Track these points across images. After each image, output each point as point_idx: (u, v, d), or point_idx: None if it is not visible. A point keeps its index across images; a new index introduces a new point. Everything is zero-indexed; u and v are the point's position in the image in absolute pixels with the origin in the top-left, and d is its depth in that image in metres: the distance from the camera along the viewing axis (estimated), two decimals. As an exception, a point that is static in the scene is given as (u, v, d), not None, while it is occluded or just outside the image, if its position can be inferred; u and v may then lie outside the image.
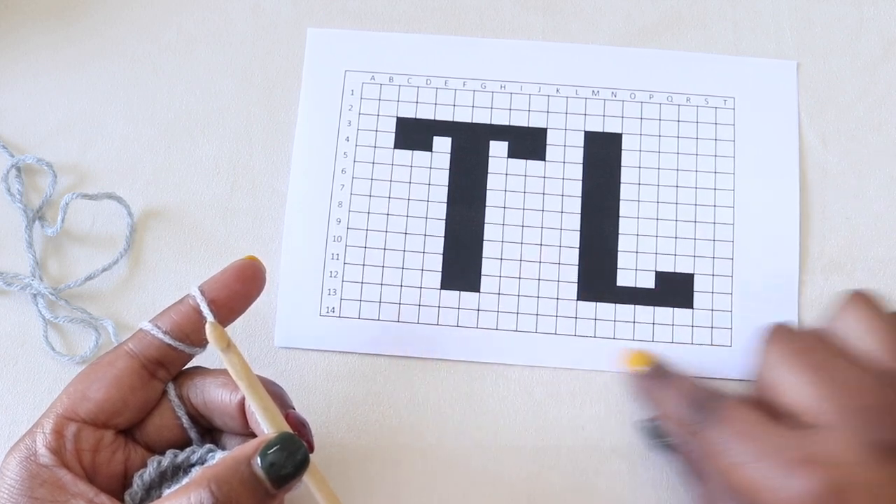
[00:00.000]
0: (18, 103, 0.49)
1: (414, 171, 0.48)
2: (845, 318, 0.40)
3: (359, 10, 0.51)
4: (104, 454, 0.37)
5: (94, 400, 0.37)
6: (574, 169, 0.48)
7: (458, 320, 0.46)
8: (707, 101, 0.49)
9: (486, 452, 0.44)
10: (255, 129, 0.49)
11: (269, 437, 0.34)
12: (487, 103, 0.49)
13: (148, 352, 0.38)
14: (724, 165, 0.48)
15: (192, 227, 0.48)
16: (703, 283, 0.47)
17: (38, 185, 0.48)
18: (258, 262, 0.40)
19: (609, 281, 0.47)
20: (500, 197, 0.48)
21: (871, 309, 0.39)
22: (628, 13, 0.51)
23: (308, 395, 0.45)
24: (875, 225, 0.48)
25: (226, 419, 0.38)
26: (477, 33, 0.50)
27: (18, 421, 0.44)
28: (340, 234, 0.47)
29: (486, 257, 0.47)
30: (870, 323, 0.39)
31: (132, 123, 0.49)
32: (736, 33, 0.50)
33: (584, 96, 0.49)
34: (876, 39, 0.50)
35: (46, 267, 0.47)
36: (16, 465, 0.35)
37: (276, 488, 0.34)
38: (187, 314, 0.38)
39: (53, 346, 0.45)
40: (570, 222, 0.47)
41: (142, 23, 0.51)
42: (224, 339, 0.36)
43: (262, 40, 0.50)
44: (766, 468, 0.36)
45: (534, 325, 0.46)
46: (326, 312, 0.46)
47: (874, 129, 0.49)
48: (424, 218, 0.47)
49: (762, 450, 0.36)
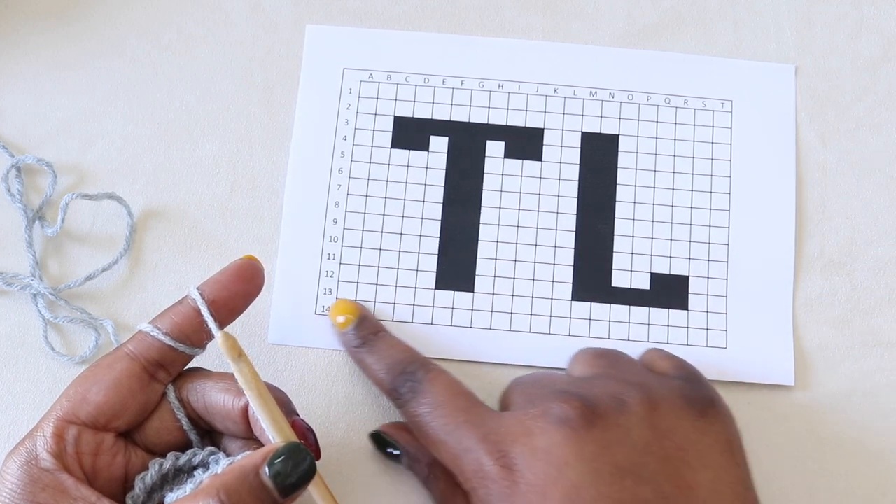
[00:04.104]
0: (18, 103, 0.49)
1: (410, 171, 0.48)
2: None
3: (359, 9, 0.51)
4: (105, 457, 0.37)
5: (94, 403, 0.37)
6: (570, 170, 0.48)
7: (451, 320, 0.46)
8: (705, 104, 0.49)
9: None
10: (255, 129, 0.49)
11: (276, 447, 0.35)
12: (485, 103, 0.49)
13: (148, 353, 0.38)
14: (721, 169, 0.48)
15: (192, 227, 0.48)
16: (699, 286, 0.47)
17: (38, 185, 0.48)
18: (257, 262, 0.40)
19: (604, 282, 0.47)
20: (496, 197, 0.48)
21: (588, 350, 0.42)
22: (628, 13, 0.51)
23: (308, 395, 0.45)
24: (875, 225, 0.48)
25: (228, 424, 0.38)
26: (476, 32, 0.50)
27: (18, 421, 0.45)
28: (337, 234, 0.47)
29: (480, 257, 0.47)
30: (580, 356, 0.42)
31: (132, 123, 0.49)
32: (736, 33, 0.50)
33: (582, 97, 0.49)
34: (876, 39, 0.50)
35: (46, 267, 0.47)
36: (16, 469, 0.35)
37: (283, 497, 0.34)
38: (187, 315, 0.38)
39: (53, 347, 0.45)
40: (565, 223, 0.47)
41: (142, 23, 0.51)
42: (236, 349, 0.36)
43: (261, 40, 0.50)
44: (454, 442, 0.37)
45: (528, 325, 0.46)
46: (322, 311, 0.46)
47: (874, 129, 0.49)
48: (420, 218, 0.47)
49: (453, 425, 0.38)
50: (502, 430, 0.37)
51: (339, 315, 0.44)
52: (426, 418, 0.39)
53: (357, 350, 0.43)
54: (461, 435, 0.38)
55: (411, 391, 0.40)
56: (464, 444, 0.37)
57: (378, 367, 0.41)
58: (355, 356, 0.43)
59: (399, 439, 0.42)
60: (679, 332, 0.46)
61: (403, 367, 0.41)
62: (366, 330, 0.43)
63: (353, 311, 0.44)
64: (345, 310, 0.44)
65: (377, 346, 0.42)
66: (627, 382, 0.38)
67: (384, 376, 0.41)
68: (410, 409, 0.39)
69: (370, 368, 0.42)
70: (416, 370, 0.40)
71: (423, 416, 0.39)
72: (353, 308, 0.44)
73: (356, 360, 0.43)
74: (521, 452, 0.36)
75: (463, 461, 0.37)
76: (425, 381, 0.40)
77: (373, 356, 0.42)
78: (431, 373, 0.40)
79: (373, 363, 0.42)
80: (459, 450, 0.37)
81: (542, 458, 0.36)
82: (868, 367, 0.46)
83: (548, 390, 0.39)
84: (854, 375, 0.46)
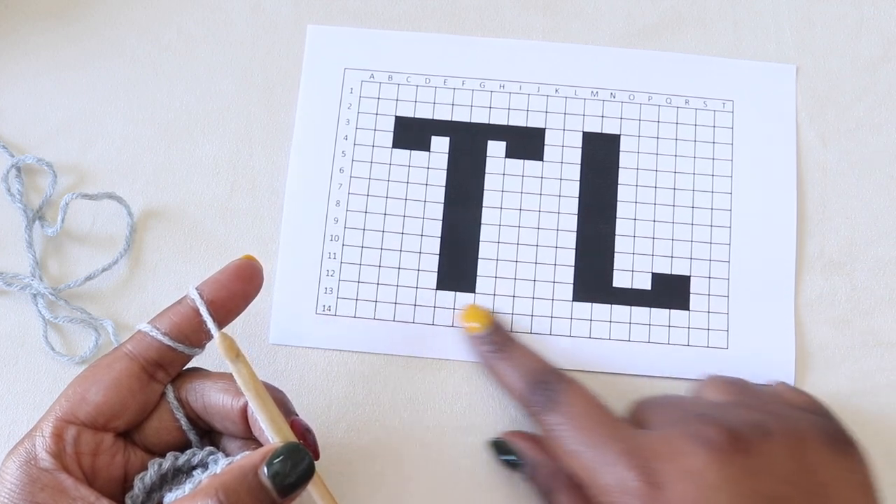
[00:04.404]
0: (18, 103, 0.49)
1: (411, 170, 0.48)
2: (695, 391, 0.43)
3: (359, 9, 0.51)
4: (104, 457, 0.37)
5: (94, 403, 0.37)
6: (572, 170, 0.48)
7: (452, 320, 0.46)
8: (706, 104, 0.49)
9: (486, 452, 0.44)
10: (255, 129, 0.49)
11: (275, 447, 0.35)
12: (486, 103, 0.49)
13: (147, 353, 0.38)
14: (722, 168, 0.48)
15: (192, 227, 0.48)
16: (700, 286, 0.47)
17: (38, 185, 0.48)
18: (255, 262, 0.40)
19: (605, 282, 0.47)
20: (497, 197, 0.48)
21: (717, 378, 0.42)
22: (628, 13, 0.51)
23: (308, 395, 0.45)
24: (875, 225, 0.48)
25: (227, 424, 0.38)
26: (477, 33, 0.50)
27: (18, 421, 0.45)
28: (338, 233, 0.47)
29: (482, 258, 0.47)
30: (710, 383, 0.42)
31: (132, 123, 0.49)
32: (736, 33, 0.50)
33: (583, 97, 0.49)
34: (876, 39, 0.50)
35: (46, 267, 0.47)
36: (16, 469, 0.35)
37: (281, 497, 0.34)
38: (186, 315, 0.38)
39: (53, 347, 0.45)
40: (566, 223, 0.47)
41: (142, 23, 0.51)
42: (234, 349, 0.36)
43: (262, 40, 0.50)
44: (593, 455, 0.37)
45: (529, 325, 0.46)
46: (322, 311, 0.46)
47: (874, 129, 0.49)
48: (421, 218, 0.47)
49: (592, 438, 0.38)
50: (649, 447, 0.37)
51: (471, 321, 0.44)
52: (563, 429, 0.39)
53: (490, 356, 0.43)
54: (602, 448, 0.37)
55: (548, 400, 0.40)
56: (605, 457, 0.37)
57: (512, 375, 0.42)
58: (488, 362, 0.43)
59: (522, 448, 0.42)
60: (680, 332, 0.46)
61: (540, 377, 0.41)
62: (500, 337, 0.44)
63: (486, 317, 0.44)
64: (477, 316, 0.44)
65: (512, 353, 0.43)
66: (766, 412, 0.38)
67: (518, 384, 0.41)
68: (546, 418, 0.39)
69: (503, 375, 0.42)
70: (553, 380, 0.40)
71: (560, 427, 0.39)
72: (486, 314, 0.45)
73: (488, 367, 0.44)
74: (668, 471, 0.36)
75: (602, 474, 0.37)
76: (563, 391, 0.40)
77: (507, 363, 0.42)
78: (570, 384, 0.40)
79: (506, 370, 0.42)
80: (600, 462, 0.37)
81: (690, 479, 0.35)
82: (868, 367, 0.46)
83: (688, 413, 0.39)
84: (854, 375, 0.46)
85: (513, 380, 0.42)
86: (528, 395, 0.41)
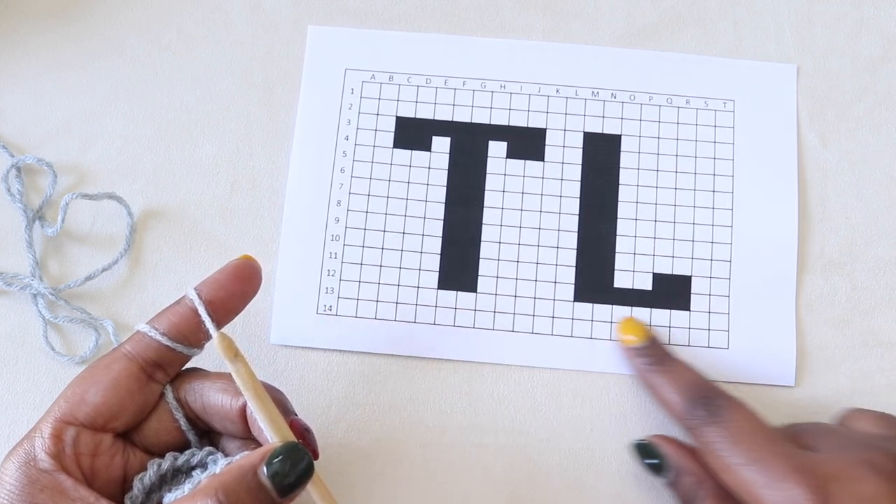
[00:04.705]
0: (18, 103, 0.49)
1: (412, 170, 0.48)
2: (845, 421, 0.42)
3: (359, 9, 0.51)
4: (103, 458, 0.37)
5: (93, 403, 0.36)
6: (573, 170, 0.48)
7: (454, 320, 0.46)
8: (707, 104, 0.49)
9: (486, 452, 0.44)
10: (255, 129, 0.49)
11: (274, 447, 0.35)
12: (487, 103, 0.49)
13: (146, 354, 0.38)
14: (723, 168, 0.48)
15: (192, 227, 0.48)
16: (701, 286, 0.47)
17: (38, 185, 0.48)
18: (254, 262, 0.40)
19: (606, 282, 0.47)
20: (499, 197, 0.48)
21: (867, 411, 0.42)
22: (628, 13, 0.51)
23: (308, 395, 0.45)
24: (875, 225, 0.48)
25: (226, 424, 0.38)
26: (477, 33, 0.50)
27: (18, 421, 0.45)
28: (339, 232, 0.47)
29: (483, 258, 0.47)
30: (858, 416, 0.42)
31: (132, 123, 0.49)
32: (736, 33, 0.50)
33: (584, 97, 0.49)
34: (876, 39, 0.50)
35: (46, 267, 0.47)
36: (15, 471, 0.35)
37: (281, 497, 0.34)
38: (184, 315, 0.38)
39: (53, 347, 0.45)
40: (567, 223, 0.47)
41: (142, 23, 0.51)
42: (232, 349, 0.36)
43: (262, 40, 0.50)
44: (759, 471, 0.37)
45: (530, 325, 0.46)
46: (323, 310, 0.46)
47: (874, 129, 0.49)
48: (422, 218, 0.47)
49: (758, 453, 0.38)
50: (822, 468, 0.37)
51: (628, 334, 0.44)
52: (725, 443, 0.39)
53: (647, 369, 0.43)
54: (771, 464, 0.37)
55: (710, 415, 0.39)
56: (773, 474, 0.37)
57: (671, 389, 0.42)
58: (645, 376, 0.43)
59: (668, 452, 0.41)
60: (681, 332, 0.46)
61: (700, 391, 0.41)
62: (657, 350, 0.44)
63: (644, 331, 0.44)
64: (634, 329, 0.45)
65: (670, 367, 0.43)
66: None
67: (677, 398, 0.41)
68: (707, 431, 0.39)
69: (660, 388, 0.42)
70: (715, 395, 0.40)
71: (722, 441, 0.39)
72: (643, 328, 0.45)
73: (643, 380, 0.44)
74: (841, 493, 0.36)
75: (770, 491, 0.37)
76: (726, 407, 0.40)
77: (664, 377, 0.42)
78: (731, 399, 0.40)
79: (664, 384, 0.42)
80: (767, 479, 0.37)
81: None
82: (868, 367, 0.46)
83: (853, 441, 0.39)
84: (854, 375, 0.46)
85: (670, 393, 0.42)
86: (687, 409, 0.40)
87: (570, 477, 0.44)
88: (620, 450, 0.44)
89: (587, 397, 0.45)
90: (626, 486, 0.44)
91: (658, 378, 0.42)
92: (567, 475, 0.44)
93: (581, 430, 0.45)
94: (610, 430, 0.45)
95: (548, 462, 0.44)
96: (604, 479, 0.44)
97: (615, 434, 0.45)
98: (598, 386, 0.46)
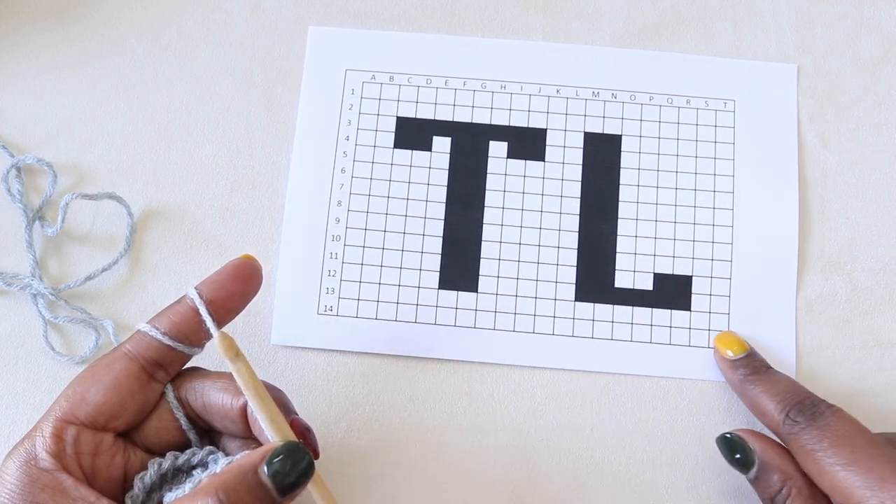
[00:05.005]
0: (18, 103, 0.49)
1: (413, 170, 0.48)
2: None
3: (359, 9, 0.51)
4: (104, 457, 0.37)
5: (93, 403, 0.36)
6: (573, 170, 0.48)
7: (455, 320, 0.46)
8: (707, 104, 0.49)
9: (486, 453, 0.44)
10: (255, 129, 0.49)
11: (274, 446, 0.35)
12: (487, 103, 0.49)
13: (146, 353, 0.38)
14: (724, 168, 0.48)
15: (192, 227, 0.48)
16: (702, 286, 0.47)
17: (38, 185, 0.48)
18: (254, 261, 0.40)
19: (607, 282, 0.47)
20: (499, 197, 0.48)
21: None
22: (628, 13, 0.51)
23: (308, 395, 0.45)
24: (875, 225, 0.48)
25: (227, 423, 0.38)
26: (477, 33, 0.50)
27: (18, 421, 0.45)
28: (339, 233, 0.47)
29: (484, 258, 0.47)
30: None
31: (132, 123, 0.49)
32: (736, 33, 0.50)
33: (584, 97, 0.49)
34: (876, 39, 0.50)
35: (46, 267, 0.47)
36: (16, 470, 0.35)
37: (281, 496, 0.34)
38: (185, 315, 0.38)
39: (53, 347, 0.45)
40: (568, 223, 0.47)
41: (142, 23, 0.51)
42: (233, 348, 0.36)
43: (262, 40, 0.50)
44: (859, 472, 0.37)
45: (531, 325, 0.46)
46: (324, 311, 0.46)
47: (874, 129, 0.49)
48: (423, 218, 0.47)
49: (859, 455, 0.38)
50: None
51: (728, 348, 0.45)
52: (825, 445, 0.39)
53: (744, 380, 0.43)
54: (872, 466, 0.37)
55: (811, 419, 0.40)
56: (874, 475, 0.37)
57: (768, 398, 0.42)
58: (743, 387, 0.43)
59: (757, 448, 0.41)
60: (681, 332, 0.46)
61: (799, 398, 0.41)
62: (755, 362, 0.44)
63: (741, 344, 0.45)
64: (731, 342, 0.45)
65: (769, 377, 0.43)
66: None
67: (774, 405, 0.41)
68: (806, 436, 0.39)
69: (758, 398, 0.42)
70: (816, 402, 0.40)
71: (823, 444, 0.39)
72: (740, 341, 0.45)
73: (742, 391, 0.44)
74: None
75: (868, 491, 0.37)
76: (827, 413, 0.40)
77: (764, 386, 0.42)
78: (834, 406, 0.40)
79: (762, 393, 0.42)
80: (867, 479, 0.37)
81: None
82: (868, 367, 0.46)
83: None
84: (854, 375, 0.46)
85: (768, 402, 0.42)
86: (787, 415, 0.40)
87: (570, 477, 0.44)
88: (620, 450, 0.45)
89: (587, 397, 0.45)
90: (626, 486, 0.44)
91: (756, 388, 0.43)
92: (567, 475, 0.44)
93: (581, 430, 0.45)
94: (610, 430, 0.45)
95: (548, 462, 0.44)
96: (604, 479, 0.44)
97: (615, 434, 0.45)
98: (598, 386, 0.46)
